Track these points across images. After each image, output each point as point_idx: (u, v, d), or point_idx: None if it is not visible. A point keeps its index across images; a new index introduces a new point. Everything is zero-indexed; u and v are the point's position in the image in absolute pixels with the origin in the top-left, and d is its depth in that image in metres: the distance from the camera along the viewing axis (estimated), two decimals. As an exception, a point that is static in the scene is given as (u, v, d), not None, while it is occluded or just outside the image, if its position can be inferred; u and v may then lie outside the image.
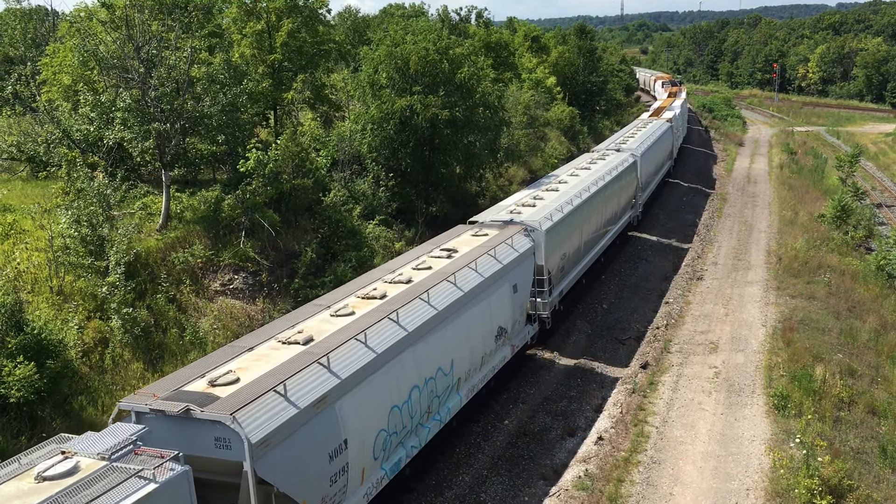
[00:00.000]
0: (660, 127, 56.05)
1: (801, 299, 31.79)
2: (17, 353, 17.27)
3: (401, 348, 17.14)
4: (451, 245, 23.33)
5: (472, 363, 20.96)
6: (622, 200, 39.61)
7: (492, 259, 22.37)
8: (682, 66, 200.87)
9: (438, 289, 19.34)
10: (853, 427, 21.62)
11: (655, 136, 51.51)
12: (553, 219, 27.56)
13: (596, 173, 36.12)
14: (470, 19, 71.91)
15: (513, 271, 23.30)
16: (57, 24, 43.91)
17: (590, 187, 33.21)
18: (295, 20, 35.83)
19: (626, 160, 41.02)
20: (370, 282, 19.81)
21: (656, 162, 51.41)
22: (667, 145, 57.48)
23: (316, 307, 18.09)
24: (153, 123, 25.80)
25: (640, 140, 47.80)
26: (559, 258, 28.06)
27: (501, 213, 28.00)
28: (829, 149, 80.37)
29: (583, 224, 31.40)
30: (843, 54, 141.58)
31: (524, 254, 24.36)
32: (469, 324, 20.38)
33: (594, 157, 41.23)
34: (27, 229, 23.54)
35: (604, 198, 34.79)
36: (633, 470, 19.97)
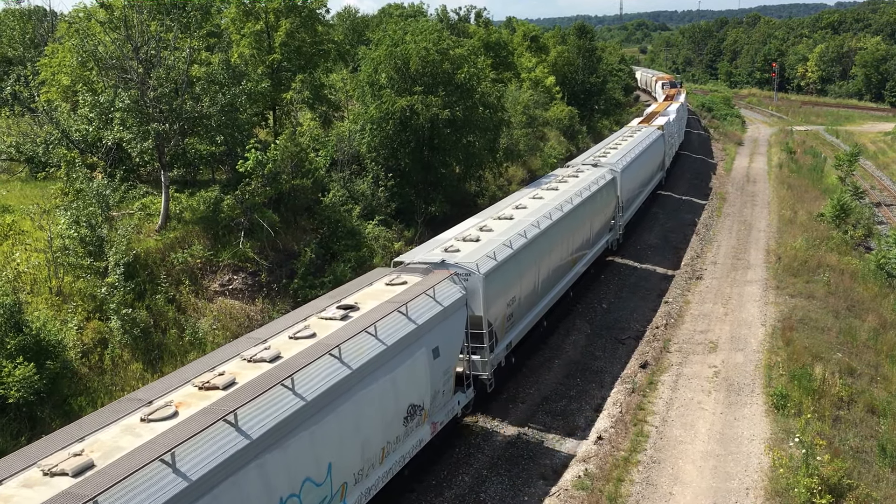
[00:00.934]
0: (649, 136, 50.54)
1: (800, 298, 31.80)
2: (17, 354, 17.27)
3: (235, 465, 12.22)
4: (353, 299, 18.28)
5: (367, 459, 15.99)
6: (597, 224, 34.31)
7: (402, 318, 17.54)
8: (681, 65, 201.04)
9: (312, 369, 14.45)
10: (852, 426, 21.63)
11: (643, 147, 46.35)
12: (497, 258, 22.84)
13: (563, 194, 31.17)
14: (469, 19, 71.94)
15: (433, 330, 18.47)
16: (56, 25, 43.88)
17: (552, 213, 28.31)
18: (293, 20, 35.81)
19: (604, 177, 36.20)
20: (220, 361, 14.64)
21: (643, 176, 46.18)
22: (657, 156, 52.21)
23: (130, 402, 13.10)
24: (152, 124, 25.80)
25: (624, 152, 42.81)
26: (505, 304, 23.42)
27: (435, 250, 23.17)
28: (829, 148, 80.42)
29: (540, 259, 26.43)
30: (842, 53, 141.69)
31: (452, 306, 19.49)
32: (359, 410, 15.43)
33: (566, 175, 35.99)
34: (26, 230, 23.52)
35: (572, 223, 29.88)
36: (633, 469, 19.97)
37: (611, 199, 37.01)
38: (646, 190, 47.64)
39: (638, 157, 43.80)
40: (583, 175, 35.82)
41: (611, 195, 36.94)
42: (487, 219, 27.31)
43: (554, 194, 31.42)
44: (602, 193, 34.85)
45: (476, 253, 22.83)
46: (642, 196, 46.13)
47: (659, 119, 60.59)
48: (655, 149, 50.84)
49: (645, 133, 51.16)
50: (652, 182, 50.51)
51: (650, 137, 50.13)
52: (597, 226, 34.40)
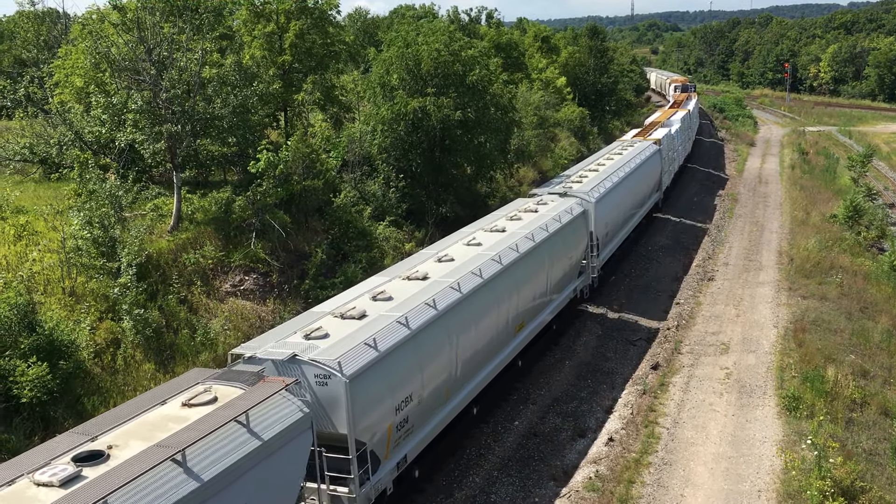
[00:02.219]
0: (641, 152, 43.82)
1: (812, 300, 31.64)
2: (30, 354, 17.40)
3: None
4: (108, 439, 12.06)
5: None
6: (558, 271, 27.47)
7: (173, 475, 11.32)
8: (693, 66, 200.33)
9: None
10: (865, 428, 21.50)
11: (631, 167, 39.71)
12: (378, 347, 16.56)
13: (508, 239, 24.90)
14: (480, 20, 71.95)
15: (237, 485, 12.14)
16: (69, 27, 44.15)
17: (484, 268, 21.76)
18: (304, 22, 35.92)
19: (570, 210, 29.53)
20: None
21: (630, 202, 38.81)
22: (651, 176, 44.94)
23: None
24: (164, 125, 25.92)
25: (603, 176, 35.70)
26: (393, 410, 16.91)
27: (294, 336, 16.88)
28: (841, 149, 79.94)
29: (460, 334, 19.75)
30: (855, 53, 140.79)
31: (281, 434, 13.19)
32: None
33: (523, 208, 29.45)
34: (40, 231, 23.68)
35: (517, 277, 23.55)
36: (644, 471, 19.91)
37: (580, 238, 30.19)
38: (634, 218, 40.35)
39: (623, 180, 36.95)
40: (544, 209, 29.31)
41: (580, 232, 30.21)
42: (394, 278, 20.90)
43: (495, 238, 25.12)
44: (566, 232, 28.24)
45: (346, 343, 16.30)
46: (629, 225, 39.10)
47: (658, 131, 53.27)
48: (650, 168, 44.13)
49: (637, 149, 44.49)
50: (644, 207, 43.32)
51: (643, 154, 43.57)
52: (558, 273, 27.47)
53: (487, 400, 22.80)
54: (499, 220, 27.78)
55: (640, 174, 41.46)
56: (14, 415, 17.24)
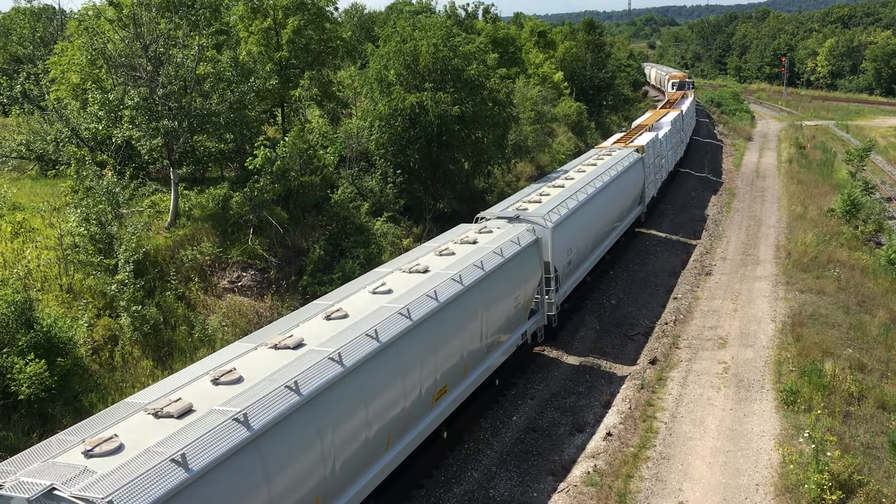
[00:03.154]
0: (619, 162, 37.90)
1: (810, 294, 31.68)
2: (28, 351, 17.39)
3: None
4: None
5: None
6: (498, 318, 22.09)
7: None
8: (690, 60, 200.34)
9: None
10: (863, 422, 21.55)
11: (604, 181, 33.96)
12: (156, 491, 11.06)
13: (428, 283, 19.36)
14: (477, 15, 71.84)
15: None
16: (65, 23, 44.05)
17: (378, 332, 16.37)
18: (301, 17, 35.85)
19: (518, 240, 23.89)
20: None
21: (602, 222, 33.44)
22: (631, 187, 39.48)
23: None
24: (161, 121, 25.88)
25: (568, 194, 30.21)
26: None
27: None
28: (839, 143, 79.98)
29: (336, 425, 14.57)
30: (853, 48, 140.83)
31: None
32: None
33: (464, 236, 24.05)
34: (37, 228, 23.64)
35: (439, 330, 18.56)
36: (642, 465, 19.95)
37: (531, 272, 24.77)
38: (609, 238, 35.35)
39: (592, 197, 31.60)
40: (485, 240, 23.73)
41: (532, 265, 24.79)
42: (260, 345, 15.54)
43: (412, 283, 19.46)
44: (511, 268, 22.84)
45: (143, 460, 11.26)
46: (602, 247, 34.06)
47: (641, 137, 46.65)
48: (630, 179, 38.84)
49: (616, 159, 38.64)
50: (623, 223, 38.29)
51: (622, 164, 37.93)
52: (498, 320, 22.10)
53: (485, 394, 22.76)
54: (425, 255, 22.27)
55: (618, 188, 36.00)
56: (12, 412, 17.24)
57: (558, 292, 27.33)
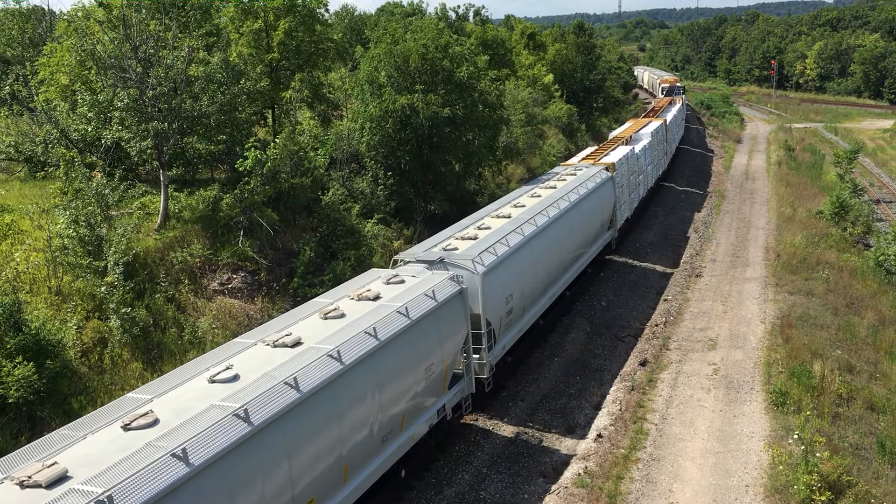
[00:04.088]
0: (585, 182, 33.35)
1: (799, 296, 31.82)
2: (16, 354, 17.27)
3: None
4: None
5: None
6: (404, 391, 17.64)
7: None
8: (680, 63, 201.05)
9: None
10: (852, 423, 21.66)
11: (563, 207, 29.47)
12: None
13: (295, 361, 14.90)
14: (468, 17, 71.93)
15: None
16: (54, 24, 43.85)
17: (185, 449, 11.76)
18: (292, 19, 35.79)
19: (436, 293, 19.15)
20: None
21: (557, 257, 28.48)
22: (599, 211, 34.63)
23: None
24: (151, 123, 25.78)
25: (511, 227, 25.58)
26: None
27: None
28: (828, 145, 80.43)
29: None
30: (841, 50, 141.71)
31: None
32: None
33: (365, 289, 19.15)
34: (25, 230, 23.51)
35: (317, 422, 14.48)
36: (633, 467, 19.99)
37: (453, 330, 19.74)
38: (568, 273, 30.32)
39: (543, 230, 26.89)
40: (393, 293, 18.89)
41: (453, 323, 19.78)
42: None
43: (266, 365, 14.72)
44: (422, 332, 18.11)
45: None
46: (558, 285, 29.05)
47: (614, 153, 41.76)
48: (598, 201, 34.07)
49: (580, 179, 33.97)
50: (588, 253, 33.21)
51: (588, 184, 33.33)
52: (401, 399, 17.50)
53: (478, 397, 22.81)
54: (307, 318, 17.42)
55: (581, 213, 31.23)
56: (1, 415, 17.13)
57: (493, 350, 22.60)
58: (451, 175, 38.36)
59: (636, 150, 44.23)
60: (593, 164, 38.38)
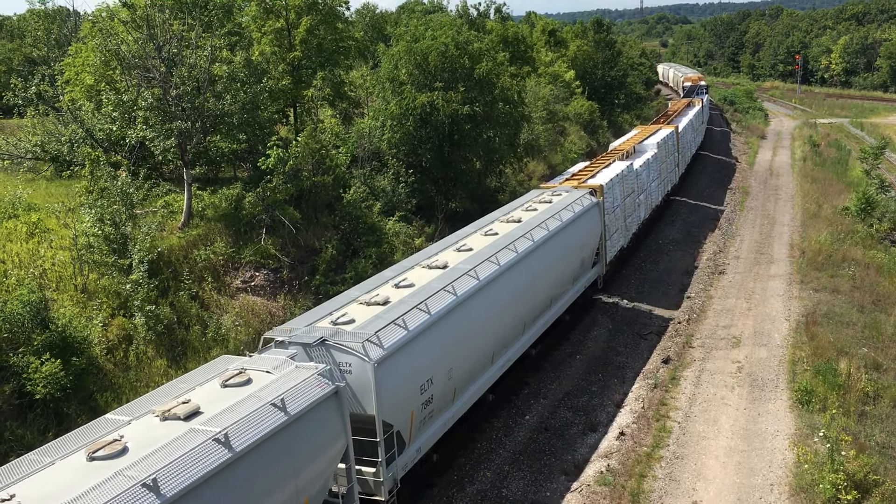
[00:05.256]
0: (562, 211, 27.14)
1: (824, 293, 31.49)
2: (43, 351, 17.52)
3: None
4: None
5: None
6: None
7: None
8: (703, 58, 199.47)
9: None
10: (878, 421, 21.40)
11: (518, 252, 22.90)
12: None
13: None
14: (489, 14, 71.78)
15: None
16: (79, 25, 44.30)
17: None
18: (314, 17, 35.93)
19: (299, 398, 13.82)
20: None
21: (508, 320, 22.13)
22: (580, 246, 28.09)
23: None
24: (175, 122, 26.00)
25: (439, 285, 19.52)
26: None
27: None
28: (853, 140, 79.43)
29: None
30: (867, 45, 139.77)
31: None
32: None
33: (196, 392, 13.80)
34: (52, 228, 23.81)
35: None
36: (656, 465, 19.89)
37: (320, 448, 14.31)
38: (533, 328, 24.32)
39: (487, 285, 20.68)
40: (225, 403, 13.30)
41: (322, 437, 14.35)
42: None
43: None
44: (259, 463, 12.76)
45: None
46: (517, 346, 23.08)
47: (603, 173, 34.30)
48: (577, 235, 27.72)
49: (555, 208, 27.57)
50: (562, 300, 27.05)
51: (563, 215, 26.95)
52: None
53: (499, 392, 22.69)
54: (73, 455, 11.78)
55: (552, 252, 25.11)
56: (28, 411, 17.37)
57: (400, 459, 16.81)
58: (472, 173, 38.35)
59: (635, 165, 37.59)
60: (577, 186, 31.56)
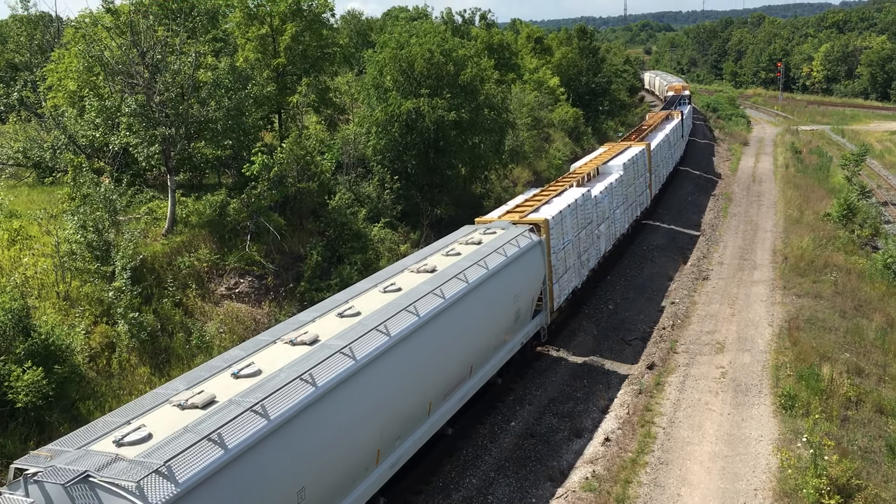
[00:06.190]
0: (492, 254, 22.15)
1: (807, 298, 31.72)
2: (25, 359, 17.36)
3: None
4: None
5: None
6: None
7: None
8: (687, 65, 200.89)
9: None
10: (861, 426, 21.56)
11: (424, 314, 17.76)
12: None
13: None
14: (474, 21, 72.04)
15: None
16: (62, 31, 44.06)
17: None
18: (299, 24, 35.91)
19: None
20: None
21: (398, 415, 16.56)
22: (510, 300, 22.56)
23: None
24: (158, 128, 25.89)
25: (283, 379, 13.66)
26: None
27: None
28: (835, 147, 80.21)
29: None
30: (848, 52, 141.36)
31: None
32: None
33: None
34: (34, 235, 23.62)
35: None
36: (641, 471, 19.94)
37: None
38: (437, 414, 18.90)
39: (365, 368, 15.32)
40: None
41: None
42: None
43: None
44: None
45: None
46: (413, 438, 17.72)
47: (555, 203, 28.88)
48: (505, 286, 22.27)
49: (481, 252, 22.27)
50: (488, 364, 21.98)
51: (491, 261, 21.71)
52: None
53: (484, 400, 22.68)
54: None
55: (476, 307, 20.25)
56: (9, 420, 17.19)
57: None
58: (458, 179, 38.41)
59: (595, 192, 32.37)
60: (517, 221, 26.25)
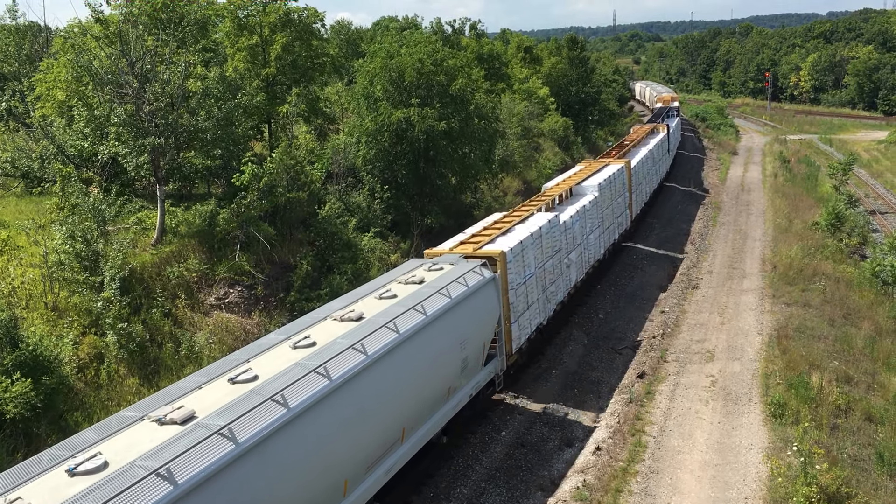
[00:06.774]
0: (437, 294, 19.46)
1: (796, 307, 31.85)
2: (13, 370, 17.23)
3: None
4: None
5: None
6: None
7: None
8: (675, 75, 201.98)
9: None
10: (850, 434, 21.64)
11: (343, 371, 14.90)
12: None
13: None
14: (464, 31, 72.29)
15: None
16: (51, 40, 43.94)
17: None
18: (289, 34, 35.94)
19: None
20: None
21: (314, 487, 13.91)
22: (451, 352, 19.58)
23: None
24: (148, 138, 25.82)
25: (167, 456, 11.26)
26: None
27: None
28: (823, 157, 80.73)
29: None
30: (835, 62, 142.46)
31: None
32: None
33: None
34: (21, 245, 23.48)
35: None
36: (632, 480, 19.93)
37: None
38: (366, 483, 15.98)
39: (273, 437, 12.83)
40: None
41: None
42: None
43: None
44: None
45: None
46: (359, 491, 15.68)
47: (517, 231, 26.28)
48: (456, 326, 19.81)
49: (428, 289, 19.81)
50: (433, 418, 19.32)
51: (436, 302, 19.22)
52: None
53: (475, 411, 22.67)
54: None
55: (411, 360, 17.61)
56: (-3, 431, 17.07)
57: None
58: (448, 188, 38.45)
59: (564, 217, 29.84)
60: (471, 253, 23.48)
